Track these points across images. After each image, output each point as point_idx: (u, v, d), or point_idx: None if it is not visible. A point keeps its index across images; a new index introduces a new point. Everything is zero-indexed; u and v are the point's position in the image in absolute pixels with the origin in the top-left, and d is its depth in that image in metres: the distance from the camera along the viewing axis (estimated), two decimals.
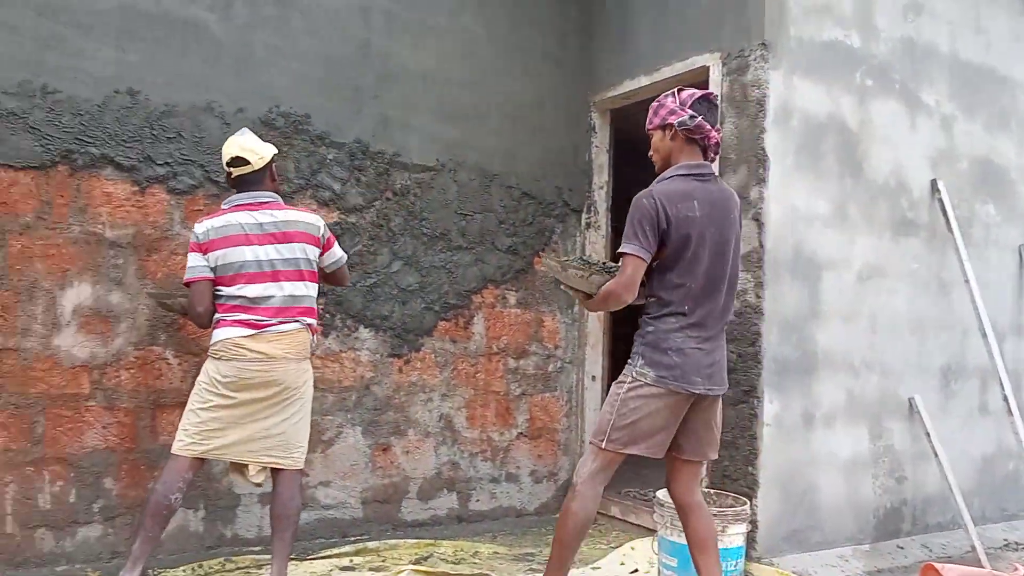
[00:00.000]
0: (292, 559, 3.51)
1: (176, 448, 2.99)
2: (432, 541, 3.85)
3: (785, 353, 3.68)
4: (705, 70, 3.93)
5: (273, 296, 2.98)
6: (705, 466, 3.43)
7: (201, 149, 3.55)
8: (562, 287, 3.41)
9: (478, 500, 4.28)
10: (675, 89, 2.71)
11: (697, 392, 2.59)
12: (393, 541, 3.81)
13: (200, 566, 3.39)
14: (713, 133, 2.64)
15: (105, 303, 3.38)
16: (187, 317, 3.21)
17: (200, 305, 2.99)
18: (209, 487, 3.57)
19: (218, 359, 2.97)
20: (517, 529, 4.24)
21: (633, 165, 4.39)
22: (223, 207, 3.06)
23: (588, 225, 4.66)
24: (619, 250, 2.59)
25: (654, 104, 2.72)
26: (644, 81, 4.30)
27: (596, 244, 4.65)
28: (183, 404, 3.23)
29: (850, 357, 3.90)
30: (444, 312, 4.18)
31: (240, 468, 3.09)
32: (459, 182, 4.23)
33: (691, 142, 2.65)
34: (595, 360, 4.62)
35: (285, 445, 3.03)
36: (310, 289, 3.08)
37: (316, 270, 3.12)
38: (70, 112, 3.27)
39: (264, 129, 3.68)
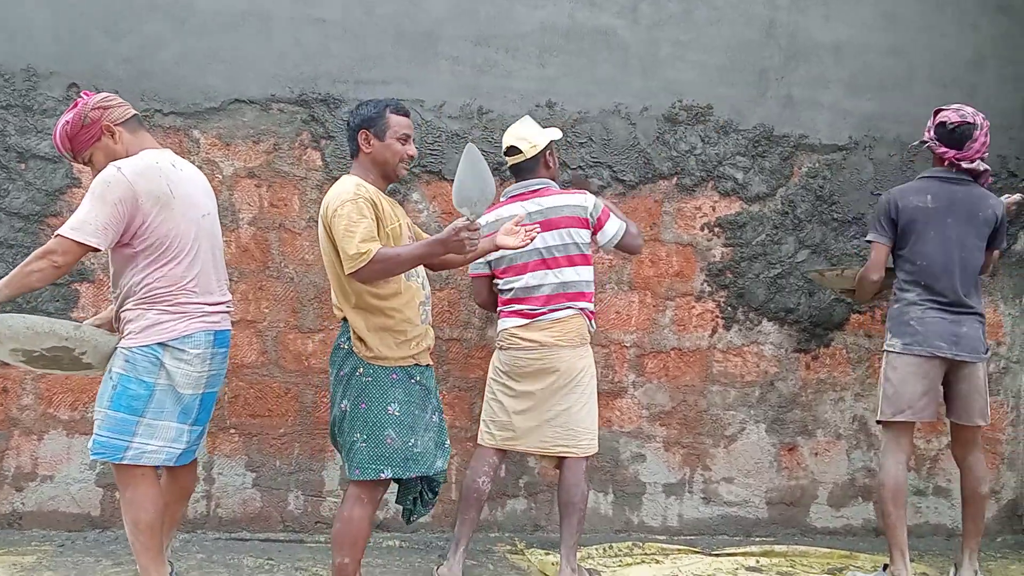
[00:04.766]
0: (696, 551, 3.54)
1: (479, 438, 3.20)
2: (847, 552, 3.57)
3: None
4: None
5: (543, 284, 3.01)
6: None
7: (609, 151, 3.68)
8: (836, 293, 3.67)
9: None
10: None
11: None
12: (803, 548, 3.61)
13: (610, 547, 3.56)
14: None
15: None
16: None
17: (478, 298, 3.26)
18: (617, 473, 3.73)
19: (499, 349, 3.12)
20: (948, 550, 3.74)
21: None
22: (500, 200, 3.14)
23: None
24: None
25: None
26: None
27: None
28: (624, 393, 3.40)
29: None
30: (857, 304, 3.82)
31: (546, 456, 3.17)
32: (876, 160, 3.82)
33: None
34: None
35: (571, 434, 3.04)
36: (582, 274, 3.05)
37: (587, 253, 3.07)
38: (500, 129, 3.57)
39: (667, 124, 3.70)
